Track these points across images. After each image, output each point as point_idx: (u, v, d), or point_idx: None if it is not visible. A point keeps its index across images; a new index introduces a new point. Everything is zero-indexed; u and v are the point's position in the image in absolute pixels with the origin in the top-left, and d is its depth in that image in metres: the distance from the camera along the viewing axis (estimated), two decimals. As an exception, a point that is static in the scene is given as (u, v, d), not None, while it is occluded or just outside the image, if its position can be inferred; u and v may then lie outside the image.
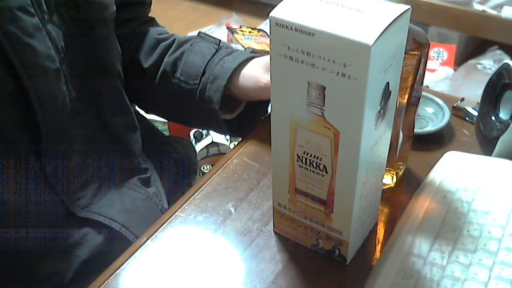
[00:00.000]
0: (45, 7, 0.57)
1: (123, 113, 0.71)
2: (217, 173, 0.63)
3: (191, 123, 0.82)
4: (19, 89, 0.55)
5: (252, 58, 0.70)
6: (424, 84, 0.58)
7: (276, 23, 0.41)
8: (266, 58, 0.69)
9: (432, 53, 1.78)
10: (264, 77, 0.66)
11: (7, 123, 0.56)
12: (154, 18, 0.80)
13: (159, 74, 0.73)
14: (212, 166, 1.10)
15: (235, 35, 1.27)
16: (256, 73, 0.67)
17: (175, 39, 0.76)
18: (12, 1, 0.53)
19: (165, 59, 0.73)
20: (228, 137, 1.39)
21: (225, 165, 0.64)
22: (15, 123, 0.56)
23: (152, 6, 0.79)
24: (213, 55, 0.70)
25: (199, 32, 0.75)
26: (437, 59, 1.79)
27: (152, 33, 0.77)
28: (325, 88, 0.41)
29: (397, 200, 0.59)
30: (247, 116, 0.74)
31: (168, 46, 0.74)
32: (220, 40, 0.73)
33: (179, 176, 0.81)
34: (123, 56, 0.72)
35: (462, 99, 0.72)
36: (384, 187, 0.57)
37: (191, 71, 0.70)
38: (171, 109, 0.77)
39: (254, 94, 0.68)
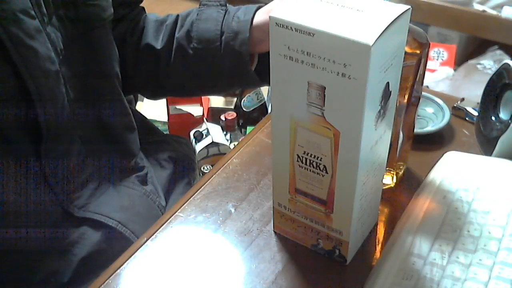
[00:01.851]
0: (44, 10, 0.57)
1: (121, 114, 0.71)
2: (217, 173, 0.63)
3: (216, 88, 0.83)
4: (22, 90, 0.55)
5: (257, 8, 0.71)
6: (424, 84, 0.58)
7: (276, 23, 0.41)
8: (268, 5, 0.70)
9: (432, 53, 1.78)
10: None
11: (9, 124, 0.56)
12: (143, 8, 0.80)
13: (173, 51, 0.73)
14: (212, 166, 1.10)
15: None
16: (266, 19, 0.68)
17: (177, 16, 0.76)
18: (14, 3, 0.54)
19: (176, 35, 0.73)
20: (228, 137, 1.39)
21: (225, 165, 0.64)
22: (16, 124, 0.57)
23: (152, 6, 0.79)
24: (224, 16, 0.71)
25: (201, 1, 0.75)
26: (437, 59, 1.79)
27: (150, 18, 0.77)
28: (325, 88, 0.41)
29: (397, 200, 0.59)
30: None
31: (173, 24, 0.75)
32: (225, 1, 0.74)
33: (176, 173, 0.81)
34: (129, 49, 0.73)
35: (462, 99, 0.72)
36: (384, 187, 0.57)
37: (209, 36, 0.71)
38: (193, 81, 0.77)
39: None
